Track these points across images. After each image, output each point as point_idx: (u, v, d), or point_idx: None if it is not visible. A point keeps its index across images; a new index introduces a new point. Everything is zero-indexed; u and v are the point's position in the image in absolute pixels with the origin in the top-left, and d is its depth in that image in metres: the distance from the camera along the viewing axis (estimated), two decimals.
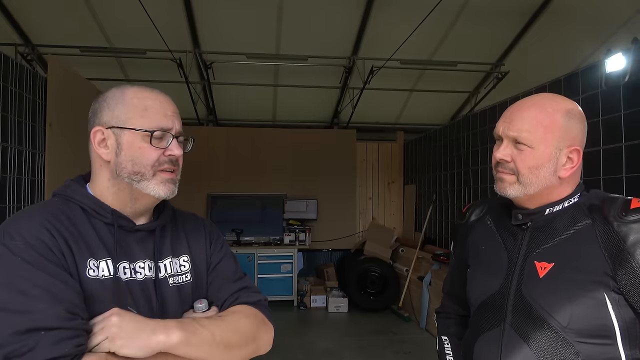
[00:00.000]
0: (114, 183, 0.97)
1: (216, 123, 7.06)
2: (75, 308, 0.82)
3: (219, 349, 0.93)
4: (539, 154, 1.05)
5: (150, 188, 0.96)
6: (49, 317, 0.78)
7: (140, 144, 0.95)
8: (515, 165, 1.08)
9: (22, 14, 4.91)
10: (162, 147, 0.97)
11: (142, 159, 0.95)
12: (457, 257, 1.33)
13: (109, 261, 0.92)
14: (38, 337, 0.76)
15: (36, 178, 3.43)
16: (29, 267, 0.82)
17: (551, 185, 1.08)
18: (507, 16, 5.13)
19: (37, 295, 0.79)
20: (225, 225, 6.41)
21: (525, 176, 1.07)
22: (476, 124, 4.88)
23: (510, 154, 1.08)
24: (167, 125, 0.97)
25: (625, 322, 1.00)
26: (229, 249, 1.16)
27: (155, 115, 0.96)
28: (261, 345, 1.04)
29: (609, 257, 0.99)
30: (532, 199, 1.11)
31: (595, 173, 3.10)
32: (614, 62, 2.97)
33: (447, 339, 1.32)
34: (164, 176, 0.97)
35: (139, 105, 0.96)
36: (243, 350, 0.99)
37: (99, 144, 0.97)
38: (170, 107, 1.00)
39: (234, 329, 0.98)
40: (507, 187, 1.10)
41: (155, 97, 0.98)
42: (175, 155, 0.98)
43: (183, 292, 1.03)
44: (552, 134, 1.05)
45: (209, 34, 5.34)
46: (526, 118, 1.07)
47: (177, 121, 1.00)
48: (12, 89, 3.13)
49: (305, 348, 4.64)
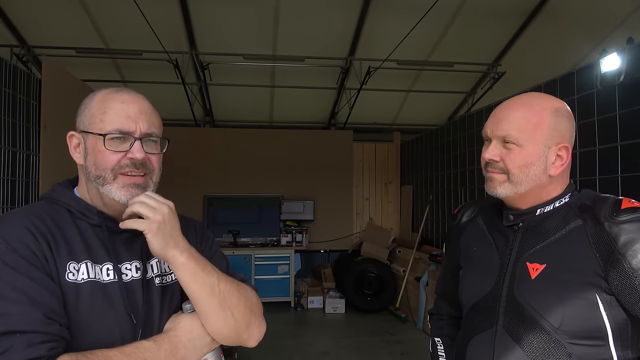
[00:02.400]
0: (89, 187, 0.98)
1: (213, 124, 7.05)
2: (54, 314, 0.82)
3: (217, 298, 0.94)
4: (528, 153, 1.05)
5: (113, 192, 0.94)
6: (25, 321, 0.78)
7: (100, 147, 0.93)
8: (505, 164, 1.07)
9: (17, 15, 4.89)
10: (122, 150, 0.94)
11: (102, 162, 0.94)
12: (449, 259, 1.33)
13: (89, 263, 0.91)
14: (13, 339, 0.76)
15: (30, 180, 3.41)
16: (10, 270, 0.81)
17: (541, 184, 1.08)
18: (503, 17, 5.14)
19: (15, 299, 0.79)
20: (222, 226, 6.40)
21: (516, 175, 1.06)
22: (472, 125, 4.88)
23: (499, 153, 1.08)
24: (127, 127, 0.94)
25: (617, 323, 0.99)
26: (219, 248, 1.15)
27: (114, 117, 0.94)
28: (252, 333, 1.01)
29: (601, 258, 0.98)
30: (522, 199, 1.10)
31: (591, 173, 3.09)
32: (609, 62, 2.97)
33: (440, 341, 1.31)
34: (125, 180, 0.94)
35: (100, 108, 0.95)
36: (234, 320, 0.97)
37: (74, 148, 0.98)
38: (135, 107, 0.96)
39: (237, 293, 0.99)
40: (497, 186, 1.10)
41: (119, 98, 0.96)
42: (136, 158, 0.94)
43: (169, 292, 1.03)
44: (540, 132, 1.05)
45: (205, 35, 5.33)
46: (514, 117, 1.06)
47: (144, 122, 0.96)
48: (5, 90, 3.12)
49: (303, 349, 4.63)
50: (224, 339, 0.99)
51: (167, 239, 0.91)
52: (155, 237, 0.90)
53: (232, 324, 0.97)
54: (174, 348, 0.92)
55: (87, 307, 0.88)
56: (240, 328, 0.98)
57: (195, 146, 6.48)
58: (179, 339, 0.94)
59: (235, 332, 0.98)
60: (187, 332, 0.96)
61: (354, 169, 7.15)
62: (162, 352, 0.90)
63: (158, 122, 1.00)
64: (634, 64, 2.81)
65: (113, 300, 0.92)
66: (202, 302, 0.94)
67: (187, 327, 0.96)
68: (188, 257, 0.93)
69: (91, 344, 0.86)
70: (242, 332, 0.99)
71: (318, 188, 6.85)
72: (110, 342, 0.88)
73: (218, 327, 0.97)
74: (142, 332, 0.95)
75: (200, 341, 0.97)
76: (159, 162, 1.00)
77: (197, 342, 0.96)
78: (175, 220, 0.94)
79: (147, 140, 0.96)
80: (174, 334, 0.95)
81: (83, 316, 0.87)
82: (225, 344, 1.01)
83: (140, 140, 0.95)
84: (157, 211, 0.91)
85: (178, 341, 0.94)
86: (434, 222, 5.91)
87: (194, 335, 0.96)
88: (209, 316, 0.95)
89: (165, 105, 1.12)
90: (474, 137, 4.83)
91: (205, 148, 6.60)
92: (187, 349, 0.94)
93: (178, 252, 0.92)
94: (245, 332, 1.00)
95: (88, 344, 0.86)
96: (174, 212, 0.94)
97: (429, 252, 5.37)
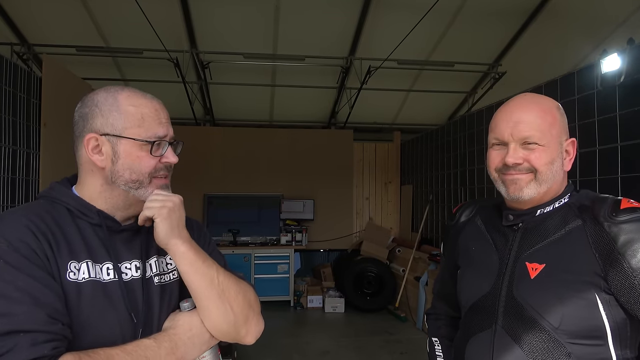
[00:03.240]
0: (108, 189, 0.97)
1: (213, 123, 7.04)
2: (57, 313, 0.82)
3: (216, 290, 0.96)
4: (551, 150, 1.07)
5: (147, 195, 0.97)
6: (29, 320, 0.78)
7: (139, 152, 0.96)
8: (532, 164, 1.06)
9: (18, 13, 4.89)
10: (159, 155, 0.98)
11: (141, 167, 0.96)
12: (447, 258, 1.33)
13: (89, 263, 0.91)
14: (17, 338, 0.76)
15: (30, 178, 3.42)
16: (12, 269, 0.81)
17: (557, 181, 1.09)
18: (504, 17, 5.13)
19: (18, 299, 0.79)
20: (222, 225, 6.40)
21: (544, 172, 1.06)
22: (473, 124, 4.88)
23: (522, 155, 1.07)
24: (162, 133, 0.98)
25: (616, 322, 0.99)
26: (217, 248, 1.16)
27: (152, 124, 0.97)
28: (250, 329, 1.02)
29: (600, 258, 0.99)
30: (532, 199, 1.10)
31: (591, 173, 3.09)
32: (609, 62, 2.97)
33: (437, 341, 1.31)
34: (159, 182, 0.99)
35: (136, 114, 0.96)
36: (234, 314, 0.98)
37: (93, 150, 0.96)
38: (164, 113, 1.01)
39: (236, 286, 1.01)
40: (524, 187, 1.07)
41: (151, 105, 0.99)
42: (171, 162, 1.01)
43: (168, 291, 1.03)
44: (556, 129, 1.08)
45: (205, 33, 5.33)
46: (532, 118, 1.07)
47: (170, 127, 1.02)
48: (6, 88, 3.12)
49: (302, 348, 4.63)
50: (223, 335, 1.00)
51: (173, 227, 0.95)
52: (164, 222, 0.94)
53: (231, 318, 0.98)
54: (174, 346, 0.93)
55: (89, 306, 0.88)
56: (238, 322, 0.99)
57: (195, 145, 6.47)
58: (178, 336, 0.95)
59: (234, 326, 0.99)
60: (186, 330, 0.96)
61: (354, 169, 7.15)
62: (163, 350, 0.91)
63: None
64: (634, 64, 2.81)
65: (113, 300, 0.92)
66: (201, 293, 0.96)
67: (186, 324, 0.97)
68: (189, 247, 0.96)
69: (92, 342, 0.86)
70: (240, 327, 1.00)
71: (318, 187, 6.85)
72: (111, 341, 0.88)
73: (217, 322, 0.97)
74: (142, 330, 0.95)
75: (199, 339, 0.97)
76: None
77: (196, 339, 0.97)
78: (182, 212, 0.99)
79: (175, 144, 1.03)
80: (174, 332, 0.95)
81: (84, 315, 0.87)
82: (224, 340, 1.02)
83: (171, 144, 1.01)
84: (169, 199, 0.96)
85: (178, 339, 0.95)
86: (434, 222, 5.91)
87: (193, 333, 0.97)
88: (208, 309, 0.97)
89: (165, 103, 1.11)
90: (474, 137, 4.83)
91: (205, 147, 6.59)
92: (187, 347, 0.95)
93: (180, 241, 0.95)
94: (244, 327, 1.00)
95: (89, 343, 0.86)
96: (182, 205, 0.99)
97: (429, 252, 5.37)
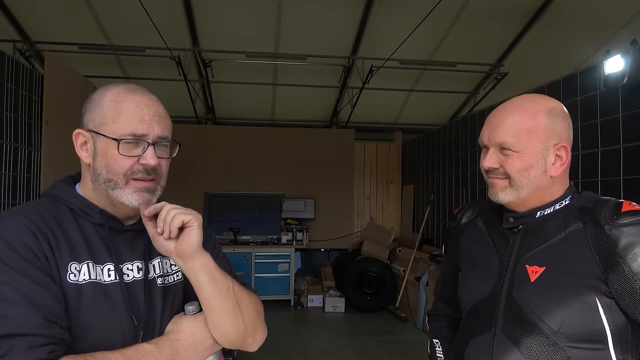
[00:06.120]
0: (95, 187, 0.95)
1: (215, 122, 7.04)
2: (54, 316, 0.80)
3: (231, 301, 0.94)
4: (526, 157, 1.05)
5: (124, 197, 0.91)
6: (25, 323, 0.76)
7: (113, 151, 0.90)
8: (505, 169, 1.07)
9: (20, 11, 4.89)
10: (135, 155, 0.91)
11: (114, 167, 0.90)
12: (449, 260, 1.32)
13: (90, 264, 0.89)
14: (13, 342, 0.74)
15: (32, 175, 3.42)
16: (10, 270, 0.79)
17: (543, 186, 1.07)
18: (506, 17, 5.12)
19: (15, 301, 0.77)
20: (223, 224, 6.40)
21: (517, 179, 1.06)
22: (475, 125, 4.87)
23: (497, 160, 1.07)
24: (141, 131, 0.90)
25: (616, 326, 0.99)
26: (222, 249, 1.14)
27: (129, 120, 0.90)
28: (256, 338, 1.02)
29: (601, 261, 0.98)
30: (524, 202, 1.09)
31: (593, 175, 3.08)
32: (612, 63, 2.96)
33: (438, 342, 1.31)
34: (137, 185, 0.91)
35: (114, 109, 0.91)
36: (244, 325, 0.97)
37: (81, 146, 0.94)
38: (151, 110, 0.92)
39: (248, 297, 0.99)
40: (499, 192, 1.09)
41: (134, 100, 0.92)
42: (149, 165, 0.91)
43: (171, 293, 1.01)
44: (536, 135, 1.04)
45: (208, 32, 5.33)
46: (509, 123, 1.06)
47: (158, 125, 0.92)
48: (8, 85, 3.12)
49: (302, 348, 4.63)
50: (230, 343, 0.97)
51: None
52: (199, 229, 0.91)
53: (241, 328, 0.96)
54: (175, 352, 0.90)
55: (88, 308, 0.86)
56: (247, 332, 0.98)
57: (196, 143, 6.46)
58: (180, 342, 0.92)
59: (243, 336, 0.98)
60: (189, 335, 0.94)
61: (356, 168, 7.13)
62: (163, 356, 0.88)
63: (170, 125, 0.98)
64: (637, 66, 2.80)
65: (114, 301, 0.90)
66: (218, 304, 0.93)
67: (189, 329, 0.95)
68: (210, 257, 0.94)
69: (92, 345, 0.85)
70: (248, 336, 0.99)
71: (319, 187, 6.85)
72: (111, 344, 0.86)
73: (228, 332, 0.95)
74: (143, 333, 0.93)
75: (202, 345, 0.95)
76: (167, 167, 0.98)
77: (198, 345, 0.94)
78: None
79: (159, 144, 0.94)
80: (175, 337, 0.93)
81: (84, 318, 0.86)
82: (228, 348, 1.00)
83: (153, 145, 0.92)
84: (195, 212, 0.93)
85: (179, 344, 0.92)
86: (435, 222, 5.90)
87: (195, 339, 0.94)
88: (221, 321, 0.94)
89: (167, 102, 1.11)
90: (476, 137, 4.80)
91: (206, 145, 6.59)
92: (189, 353, 0.92)
93: (202, 251, 0.93)
94: (251, 336, 1.00)
95: (89, 345, 0.84)
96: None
97: (430, 252, 5.36)
